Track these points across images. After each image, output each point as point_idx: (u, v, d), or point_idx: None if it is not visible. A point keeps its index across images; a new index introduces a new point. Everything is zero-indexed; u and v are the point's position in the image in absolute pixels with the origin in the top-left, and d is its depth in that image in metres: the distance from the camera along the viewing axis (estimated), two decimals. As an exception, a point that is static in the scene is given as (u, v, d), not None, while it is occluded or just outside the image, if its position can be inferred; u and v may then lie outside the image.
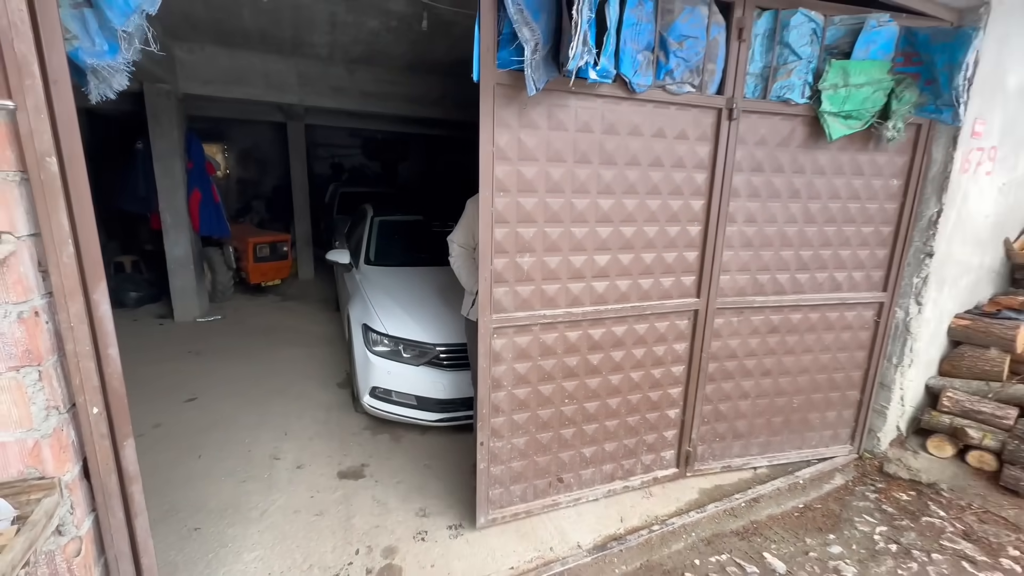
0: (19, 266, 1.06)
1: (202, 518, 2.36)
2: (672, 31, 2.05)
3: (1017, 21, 2.59)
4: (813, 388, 2.87)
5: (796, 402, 2.86)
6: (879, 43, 2.31)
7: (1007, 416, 2.71)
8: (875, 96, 2.34)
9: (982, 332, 2.94)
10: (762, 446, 2.90)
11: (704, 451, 2.80)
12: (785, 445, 2.93)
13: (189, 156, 5.28)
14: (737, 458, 2.87)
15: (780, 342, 2.74)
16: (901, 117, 2.37)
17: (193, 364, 4.21)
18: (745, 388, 2.77)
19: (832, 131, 2.37)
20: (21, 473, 1.13)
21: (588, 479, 2.57)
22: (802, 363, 2.81)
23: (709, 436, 2.79)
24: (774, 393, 2.82)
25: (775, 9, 2.22)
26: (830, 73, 2.28)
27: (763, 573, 2.16)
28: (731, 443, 2.84)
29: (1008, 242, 3.19)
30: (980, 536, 2.36)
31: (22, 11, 1.00)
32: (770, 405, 2.83)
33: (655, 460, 2.72)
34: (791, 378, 2.82)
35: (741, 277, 2.57)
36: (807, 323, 2.75)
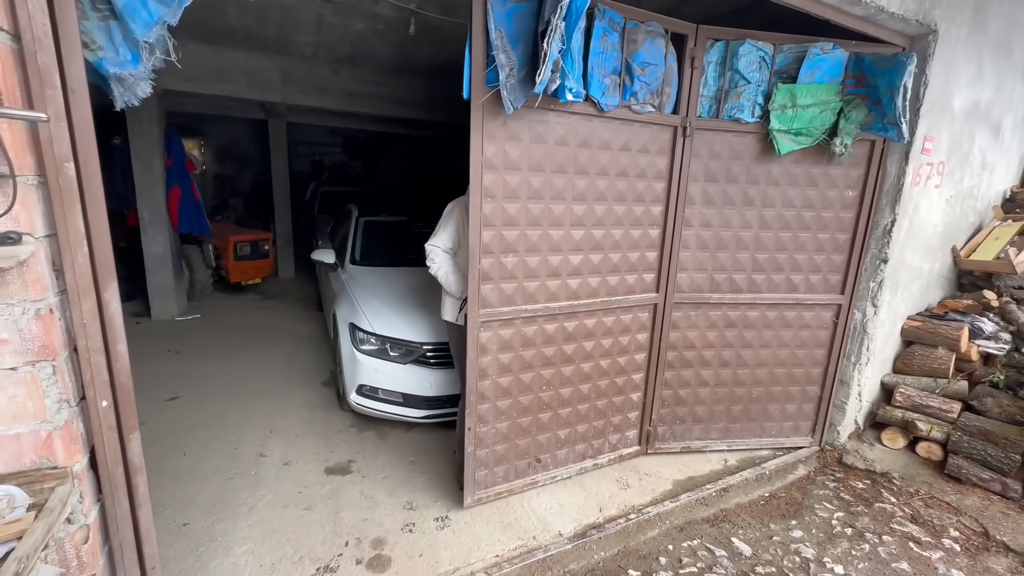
0: (37, 266, 1.12)
1: (190, 514, 2.39)
2: (636, 58, 2.31)
3: (962, 48, 2.84)
4: (772, 381, 3.10)
5: (755, 393, 3.09)
6: (825, 68, 2.58)
7: (952, 410, 2.95)
8: (823, 115, 2.61)
9: (931, 333, 3.19)
10: (722, 432, 3.14)
11: (665, 432, 3.07)
12: (745, 433, 3.17)
13: (169, 153, 5.22)
14: (697, 440, 3.12)
15: (738, 336, 3.00)
16: (848, 135, 2.62)
17: (173, 363, 4.18)
18: (704, 377, 3.02)
19: (781, 147, 2.64)
20: (34, 463, 1.18)
21: (563, 459, 2.77)
22: (760, 357, 3.04)
23: (669, 418, 3.05)
24: (733, 383, 3.06)
25: (725, 40, 2.51)
26: (778, 96, 2.56)
27: (731, 556, 2.32)
28: (691, 426, 3.10)
29: (955, 250, 3.45)
30: (926, 519, 2.58)
31: (46, 25, 1.06)
32: (729, 394, 3.08)
33: (620, 439, 2.96)
34: (749, 371, 3.05)
35: (698, 275, 2.85)
36: (764, 320, 2.98)
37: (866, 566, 2.27)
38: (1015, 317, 3.17)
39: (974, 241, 3.50)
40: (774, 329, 3.00)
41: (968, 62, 2.92)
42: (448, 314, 2.64)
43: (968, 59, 2.91)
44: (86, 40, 1.12)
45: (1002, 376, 3.00)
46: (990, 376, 3.03)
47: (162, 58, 1.23)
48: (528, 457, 2.64)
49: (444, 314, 2.67)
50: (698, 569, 2.23)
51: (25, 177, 1.09)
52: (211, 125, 9.65)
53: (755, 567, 2.25)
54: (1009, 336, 3.14)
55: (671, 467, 2.96)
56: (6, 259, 1.00)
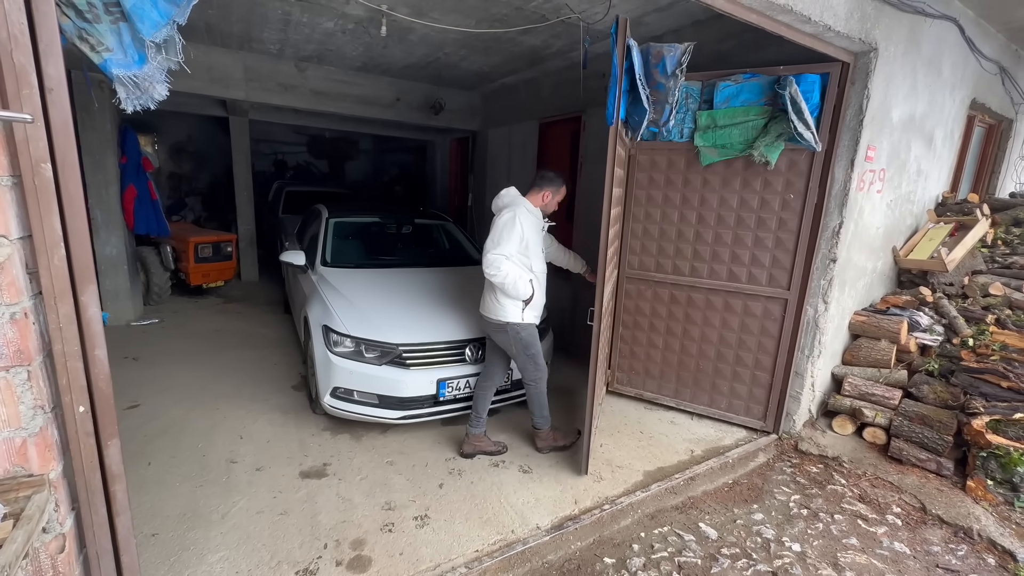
0: (12, 268, 1.09)
1: (159, 524, 2.32)
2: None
3: (899, 65, 3.09)
4: (719, 359, 3.54)
5: (702, 366, 3.61)
6: (742, 94, 3.10)
7: (893, 397, 3.21)
8: (745, 131, 3.13)
9: (875, 327, 3.45)
10: (673, 391, 3.76)
11: (622, 378, 3.92)
12: (694, 398, 3.68)
13: (123, 150, 4.98)
14: (649, 392, 3.83)
15: (685, 314, 3.59)
16: (768, 146, 3.04)
17: (132, 370, 4.00)
18: (654, 340, 3.75)
19: (703, 159, 3.29)
20: (7, 472, 1.15)
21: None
22: (707, 335, 3.54)
23: (627, 368, 3.89)
24: (680, 352, 3.66)
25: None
26: (701, 119, 3.24)
27: (698, 540, 2.45)
28: (644, 379, 3.83)
29: (895, 250, 3.75)
30: (872, 498, 2.80)
31: (23, 23, 1.03)
32: (678, 361, 3.68)
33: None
34: (696, 345, 3.59)
35: (646, 258, 3.65)
36: (708, 303, 3.50)
37: (820, 543, 2.45)
38: (947, 311, 3.48)
39: (911, 242, 3.81)
40: (719, 313, 3.47)
41: (904, 78, 3.19)
42: (513, 316, 2.74)
43: (904, 75, 3.18)
44: (92, 42, 1.10)
45: (936, 365, 3.28)
46: (926, 365, 3.31)
47: (176, 59, 1.21)
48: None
49: (506, 316, 2.74)
50: (669, 553, 2.35)
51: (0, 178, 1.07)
52: (167, 121, 9.23)
53: (720, 549, 2.39)
54: (942, 328, 3.44)
55: (641, 458, 3.09)
56: (-17, 262, 0.98)
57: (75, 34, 1.13)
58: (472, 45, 4.66)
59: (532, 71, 5.50)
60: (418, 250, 4.74)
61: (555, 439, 3.09)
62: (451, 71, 5.69)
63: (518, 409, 3.65)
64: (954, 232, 3.82)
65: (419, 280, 3.84)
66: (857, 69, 2.96)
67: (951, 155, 4.11)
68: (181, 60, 1.23)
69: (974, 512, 2.61)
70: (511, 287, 2.64)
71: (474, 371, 3.09)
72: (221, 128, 7.90)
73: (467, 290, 3.79)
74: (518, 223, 2.67)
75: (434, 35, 4.38)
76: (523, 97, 5.94)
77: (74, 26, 1.12)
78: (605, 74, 4.56)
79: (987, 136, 4.94)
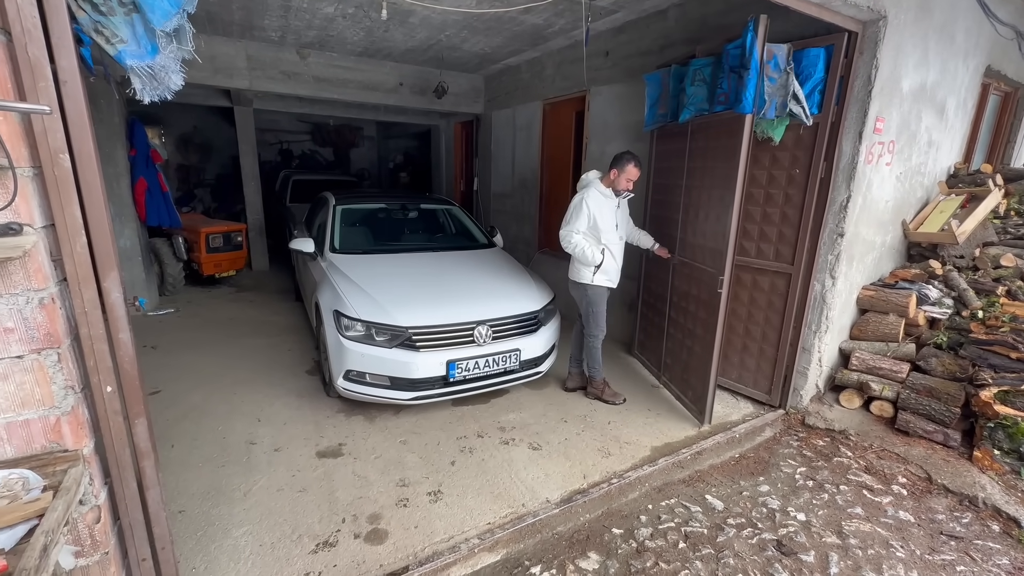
0: (38, 256, 1.14)
1: (184, 501, 2.43)
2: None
3: (909, 33, 3.02)
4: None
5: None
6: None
7: (901, 370, 3.21)
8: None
9: (883, 301, 3.44)
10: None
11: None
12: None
13: (132, 143, 5.04)
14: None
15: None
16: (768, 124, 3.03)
17: (152, 358, 4.12)
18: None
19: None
20: (44, 447, 1.22)
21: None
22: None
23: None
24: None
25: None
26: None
27: (705, 511, 2.51)
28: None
29: (905, 223, 3.71)
30: (878, 469, 2.83)
31: (35, 18, 1.07)
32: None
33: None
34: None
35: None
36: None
37: (825, 513, 2.50)
38: (957, 284, 3.45)
39: (922, 215, 3.76)
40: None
41: (915, 46, 3.11)
42: (586, 278, 3.29)
43: (915, 44, 3.10)
44: (107, 34, 1.14)
45: (945, 338, 3.27)
46: (935, 338, 3.30)
47: (188, 48, 1.25)
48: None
49: (581, 279, 3.31)
50: (675, 524, 2.41)
51: (21, 169, 1.11)
52: (173, 114, 9.28)
53: (727, 519, 2.44)
54: (951, 301, 3.42)
55: (649, 435, 3.14)
56: (12, 249, 1.03)
57: (91, 27, 1.16)
58: (473, 26, 4.61)
59: (534, 51, 5.44)
60: (425, 235, 4.77)
61: (603, 391, 3.52)
62: (453, 53, 5.65)
63: (526, 389, 3.72)
64: (966, 204, 3.76)
65: (427, 264, 3.89)
66: (865, 39, 2.90)
67: (964, 125, 4.02)
68: (192, 49, 1.26)
69: (980, 481, 2.64)
70: (581, 255, 3.21)
71: (483, 352, 3.15)
72: (226, 119, 7.94)
73: (474, 273, 3.83)
74: (584, 204, 3.17)
75: (435, 17, 4.34)
76: (526, 78, 5.88)
77: (89, 19, 1.16)
78: (609, 52, 4.52)
79: (1003, 104, 4.81)
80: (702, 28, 3.66)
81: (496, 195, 7.00)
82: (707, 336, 3.17)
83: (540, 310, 3.45)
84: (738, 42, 2.74)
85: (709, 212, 3.16)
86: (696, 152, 3.31)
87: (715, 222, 3.09)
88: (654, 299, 3.97)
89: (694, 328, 3.35)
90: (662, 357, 3.82)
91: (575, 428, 3.20)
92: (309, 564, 2.08)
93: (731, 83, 2.84)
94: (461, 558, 2.15)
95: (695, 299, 3.34)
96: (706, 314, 3.19)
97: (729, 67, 2.83)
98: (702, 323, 3.25)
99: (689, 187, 3.40)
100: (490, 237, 4.62)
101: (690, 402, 3.40)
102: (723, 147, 2.96)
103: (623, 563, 2.16)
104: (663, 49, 4.01)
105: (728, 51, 2.82)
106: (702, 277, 3.23)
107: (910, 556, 2.22)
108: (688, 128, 3.36)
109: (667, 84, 3.50)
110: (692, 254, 3.37)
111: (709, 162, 3.15)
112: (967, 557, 2.22)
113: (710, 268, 3.13)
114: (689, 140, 3.37)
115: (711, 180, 3.13)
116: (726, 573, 2.11)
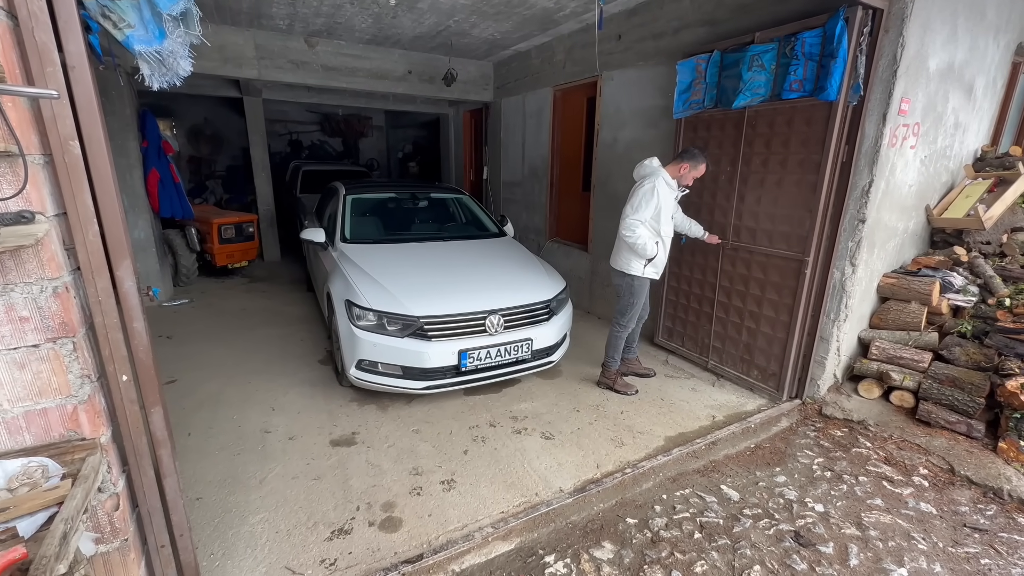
0: (51, 244, 1.14)
1: (201, 489, 2.46)
2: None
3: (937, 8, 2.89)
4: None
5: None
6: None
7: (923, 360, 3.14)
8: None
9: (905, 288, 3.35)
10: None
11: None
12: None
13: (143, 135, 5.06)
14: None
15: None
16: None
17: (167, 348, 4.17)
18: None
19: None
20: (62, 436, 1.23)
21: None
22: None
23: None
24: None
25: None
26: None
27: (720, 501, 2.48)
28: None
29: (928, 209, 3.60)
30: (898, 460, 2.78)
31: (41, 2, 1.05)
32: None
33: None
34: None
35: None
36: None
37: (844, 503, 2.46)
38: (982, 271, 3.35)
39: (946, 199, 3.64)
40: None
41: (943, 23, 2.99)
42: (636, 269, 3.21)
43: (943, 20, 2.98)
44: (114, 19, 1.12)
45: (969, 327, 3.18)
46: (959, 327, 3.22)
47: (196, 32, 1.22)
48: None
49: (630, 269, 3.21)
50: (691, 514, 2.39)
51: (32, 156, 1.10)
52: (183, 105, 9.32)
53: (743, 510, 2.42)
54: (976, 289, 3.32)
55: (662, 425, 3.11)
56: (25, 237, 1.02)
57: (98, 11, 1.14)
58: (482, 11, 4.53)
59: (545, 36, 5.33)
60: (435, 224, 4.75)
61: (615, 382, 3.51)
62: (462, 40, 5.56)
63: (538, 378, 3.70)
64: (993, 188, 3.63)
65: (437, 253, 3.87)
66: (891, 15, 2.78)
67: (993, 106, 3.87)
68: (200, 33, 1.23)
69: (1005, 473, 2.57)
70: (641, 248, 3.09)
71: (495, 341, 3.13)
72: (236, 110, 7.94)
73: (485, 262, 3.81)
74: (656, 193, 3.05)
75: (443, 2, 4.27)
76: (536, 64, 5.78)
77: (97, 4, 1.14)
78: (621, 36, 4.42)
79: (1033, 84, 4.62)
80: (719, 8, 3.55)
81: (506, 184, 6.93)
82: (780, 316, 3.34)
83: (552, 299, 3.42)
84: (818, 30, 2.77)
85: (779, 197, 3.22)
86: (755, 138, 3.32)
87: (791, 207, 3.17)
88: (691, 286, 3.98)
89: (759, 310, 3.44)
90: (709, 342, 3.86)
91: (588, 417, 3.18)
92: (325, 551, 2.10)
93: (807, 71, 2.85)
94: (475, 546, 2.15)
95: (760, 282, 3.41)
96: (779, 296, 3.33)
97: (806, 55, 2.82)
98: (772, 304, 3.36)
99: (745, 174, 3.40)
100: (501, 226, 4.58)
101: (756, 380, 3.56)
102: (799, 134, 3.06)
103: (638, 553, 2.15)
104: (678, 32, 3.90)
105: (804, 39, 2.82)
106: (770, 260, 3.33)
107: (932, 548, 2.18)
108: (744, 115, 3.34)
109: (702, 71, 3.44)
110: (753, 238, 3.43)
111: (777, 148, 3.19)
112: (992, 550, 2.17)
113: (785, 251, 3.25)
114: (745, 126, 3.35)
115: (781, 166, 3.19)
116: (743, 564, 2.09)
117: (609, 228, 4.95)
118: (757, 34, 3.13)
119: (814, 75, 2.85)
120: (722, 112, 3.44)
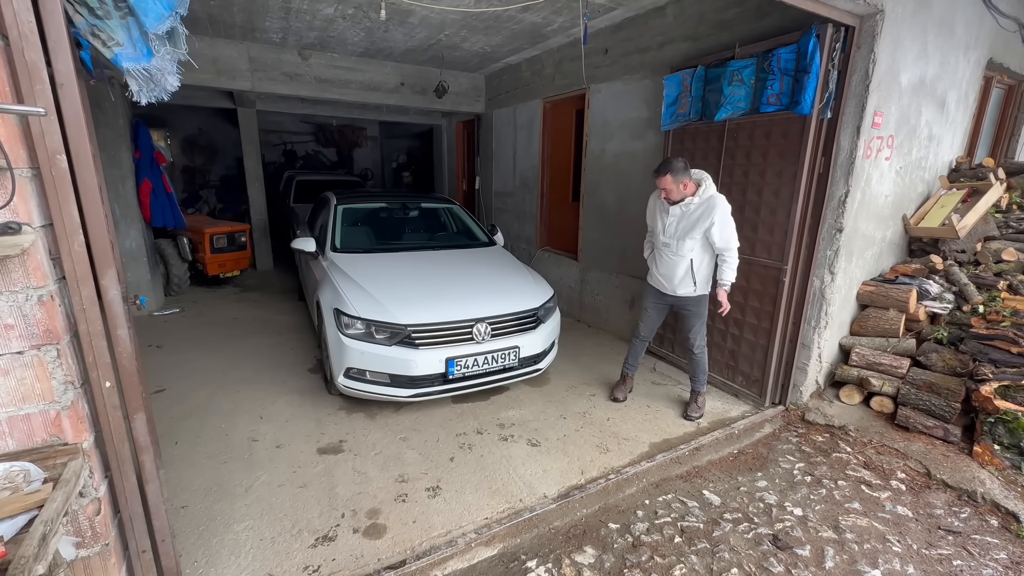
0: (37, 254, 1.18)
1: (187, 497, 2.47)
2: None
3: (908, 26, 3.01)
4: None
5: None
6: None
7: (901, 366, 3.20)
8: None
9: (883, 296, 3.42)
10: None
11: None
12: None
13: (136, 145, 5.10)
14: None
15: None
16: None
17: (156, 357, 4.18)
18: None
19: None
20: (45, 441, 1.26)
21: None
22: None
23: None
24: None
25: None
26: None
27: (702, 506, 2.52)
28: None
29: (905, 218, 3.69)
30: (876, 465, 2.83)
31: (31, 22, 1.10)
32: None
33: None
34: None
35: None
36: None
37: (822, 507, 2.50)
38: (958, 278, 3.43)
39: (922, 209, 3.74)
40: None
41: (913, 40, 3.10)
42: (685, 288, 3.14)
43: (913, 37, 3.09)
44: (103, 38, 1.17)
45: (945, 333, 3.25)
46: (935, 333, 3.29)
47: (183, 51, 1.27)
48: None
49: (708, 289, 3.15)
50: (672, 519, 2.42)
51: (20, 169, 1.15)
52: (177, 116, 9.38)
53: (723, 514, 2.45)
54: (952, 296, 3.40)
55: (647, 431, 3.15)
56: (11, 247, 1.06)
57: (87, 31, 1.19)
58: (473, 25, 4.63)
59: (534, 49, 5.45)
60: (426, 233, 4.80)
61: (616, 388, 3.61)
62: (453, 53, 5.67)
63: (526, 386, 3.74)
64: (967, 198, 3.73)
65: (427, 262, 3.91)
66: (863, 33, 2.89)
67: (966, 119, 3.99)
68: (186, 51, 1.28)
69: (979, 476, 2.62)
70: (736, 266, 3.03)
71: (482, 349, 3.17)
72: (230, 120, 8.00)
73: (474, 271, 3.86)
74: (647, 205, 3.28)
75: (434, 17, 4.37)
76: (526, 76, 5.89)
77: (86, 23, 1.18)
78: (608, 50, 4.52)
79: (1006, 98, 4.77)
80: (700, 24, 3.66)
81: (498, 194, 7.01)
82: (763, 323, 3.40)
83: (539, 307, 3.47)
84: (792, 47, 2.87)
85: (760, 207, 3.31)
86: (736, 150, 3.42)
87: (770, 216, 3.26)
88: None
89: (742, 317, 3.51)
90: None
91: (574, 424, 3.22)
92: (308, 558, 2.11)
93: (783, 85, 2.96)
94: (458, 552, 2.17)
95: (743, 289, 3.48)
96: (761, 303, 3.39)
97: (781, 70, 2.93)
98: (755, 312, 3.43)
99: (728, 184, 3.48)
100: (491, 235, 4.64)
101: (741, 387, 3.61)
102: (777, 146, 3.17)
103: (619, 557, 2.17)
104: (662, 46, 4.01)
105: (780, 54, 2.93)
106: (752, 268, 3.40)
107: (907, 550, 2.22)
108: (724, 127, 3.44)
109: (688, 85, 3.55)
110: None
111: (756, 159, 3.29)
112: (964, 551, 2.22)
113: (765, 259, 3.33)
114: (726, 138, 3.45)
115: (760, 177, 3.28)
116: (721, 567, 2.12)
117: (597, 238, 5.03)
118: (737, 50, 3.24)
119: (790, 89, 2.94)
120: (706, 124, 3.54)
